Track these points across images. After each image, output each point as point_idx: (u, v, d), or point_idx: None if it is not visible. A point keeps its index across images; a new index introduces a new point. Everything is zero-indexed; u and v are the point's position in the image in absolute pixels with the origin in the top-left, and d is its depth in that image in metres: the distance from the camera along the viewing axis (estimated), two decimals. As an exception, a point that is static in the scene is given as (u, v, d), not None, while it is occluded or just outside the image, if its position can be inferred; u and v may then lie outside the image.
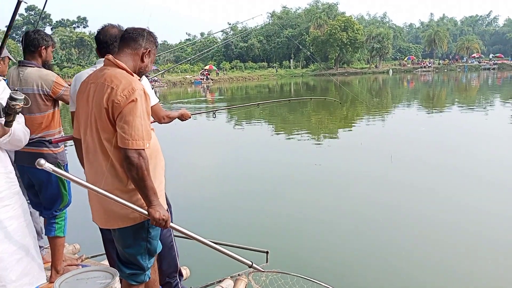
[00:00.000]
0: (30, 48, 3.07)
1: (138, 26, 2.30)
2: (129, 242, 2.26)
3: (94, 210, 2.31)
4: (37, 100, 2.98)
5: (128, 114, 2.01)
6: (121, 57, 2.21)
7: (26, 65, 3.05)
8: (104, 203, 2.17)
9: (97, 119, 2.09)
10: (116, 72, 2.12)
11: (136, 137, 2.00)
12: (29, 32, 3.14)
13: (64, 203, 3.26)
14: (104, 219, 2.24)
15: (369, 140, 12.33)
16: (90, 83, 2.18)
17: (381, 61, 73.93)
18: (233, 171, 9.34)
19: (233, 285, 3.27)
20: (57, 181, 3.16)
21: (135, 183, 2.06)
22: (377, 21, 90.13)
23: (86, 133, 2.19)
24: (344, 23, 66.00)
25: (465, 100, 25.42)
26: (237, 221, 6.14)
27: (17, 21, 72.25)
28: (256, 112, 19.23)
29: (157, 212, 2.09)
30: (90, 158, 2.20)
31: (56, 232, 3.24)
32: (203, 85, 51.51)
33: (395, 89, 38.69)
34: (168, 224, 2.16)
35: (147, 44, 2.25)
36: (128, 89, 2.04)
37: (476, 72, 62.36)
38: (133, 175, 2.02)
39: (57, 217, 3.26)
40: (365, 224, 5.93)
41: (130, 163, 2.00)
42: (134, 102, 2.03)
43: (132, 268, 2.33)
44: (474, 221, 5.90)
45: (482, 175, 8.09)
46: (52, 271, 3.22)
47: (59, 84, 3.04)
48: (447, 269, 4.64)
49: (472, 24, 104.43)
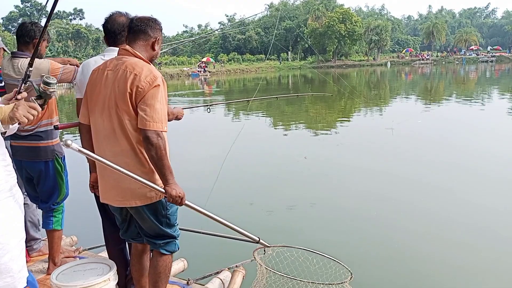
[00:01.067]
0: (25, 39, 3.01)
1: (142, 15, 2.41)
2: (148, 219, 2.37)
3: (109, 190, 2.37)
4: (33, 90, 2.94)
5: (150, 98, 2.17)
6: (134, 48, 2.34)
7: (19, 56, 3.00)
8: (123, 183, 2.27)
9: (118, 104, 2.22)
10: (136, 61, 2.27)
11: (156, 119, 2.16)
12: (26, 23, 3.06)
13: (62, 195, 3.24)
14: (121, 198, 2.33)
15: (366, 133, 12.36)
16: (107, 70, 2.31)
17: (379, 54, 73.86)
18: (230, 163, 9.34)
19: (230, 276, 3.27)
20: (54, 173, 3.15)
21: (153, 162, 2.20)
22: (375, 13, 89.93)
23: (101, 117, 2.30)
24: (342, 15, 65.85)
25: (463, 92, 25.44)
26: (234, 214, 6.14)
27: (12, 13, 71.84)
28: (253, 105, 19.19)
29: (173, 190, 2.22)
30: (106, 141, 2.30)
31: (54, 225, 3.22)
32: (200, 78, 51.32)
33: (393, 81, 38.67)
34: (183, 201, 2.28)
35: (155, 33, 2.38)
36: (150, 76, 2.20)
37: (474, 65, 62.42)
38: (152, 155, 2.16)
39: (55, 210, 3.24)
40: (365, 218, 5.95)
41: (149, 143, 2.14)
42: (157, 88, 2.19)
43: (163, 239, 2.45)
44: (467, 213, 5.93)
45: (483, 168, 8.11)
46: (50, 264, 3.22)
47: (55, 69, 2.98)
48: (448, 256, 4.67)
49: (470, 16, 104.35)
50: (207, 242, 4.39)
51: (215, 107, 11.88)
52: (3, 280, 1.86)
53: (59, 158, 3.16)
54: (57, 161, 3.15)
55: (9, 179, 1.94)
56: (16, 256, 1.91)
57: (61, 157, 3.18)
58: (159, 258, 2.47)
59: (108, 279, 2.39)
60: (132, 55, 2.30)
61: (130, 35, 2.36)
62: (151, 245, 2.52)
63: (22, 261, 1.95)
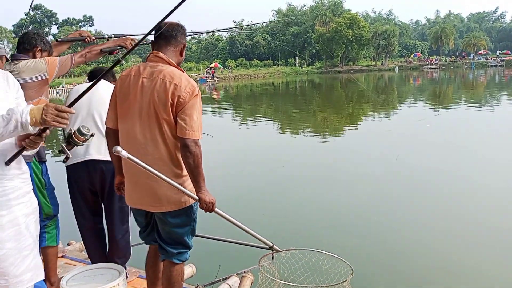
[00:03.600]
0: (25, 46, 2.90)
1: (171, 21, 2.36)
2: (180, 223, 2.45)
3: (144, 196, 2.40)
4: (30, 89, 2.74)
5: (190, 108, 2.25)
6: (166, 54, 2.38)
7: (19, 58, 2.84)
8: (159, 189, 2.33)
9: (159, 113, 2.27)
10: (173, 69, 2.32)
11: (194, 128, 2.24)
12: (29, 31, 2.98)
13: (45, 212, 2.95)
14: (158, 204, 2.37)
15: (375, 137, 12.31)
16: (142, 77, 2.33)
17: (387, 58, 73.63)
18: (238, 166, 9.35)
19: (239, 282, 3.27)
20: (35, 189, 2.87)
21: (190, 169, 2.28)
22: (382, 18, 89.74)
23: (139, 124, 2.33)
24: (349, 20, 65.83)
25: (472, 97, 25.25)
26: (242, 220, 6.12)
27: (23, 20, 72.73)
28: (262, 110, 19.22)
29: (206, 196, 2.33)
30: (144, 148, 2.33)
31: (48, 241, 2.99)
32: (208, 83, 51.57)
33: (401, 86, 38.50)
34: (214, 207, 2.39)
35: (184, 39, 2.46)
36: (189, 86, 2.27)
37: (483, 69, 61.89)
38: (190, 162, 2.24)
39: (47, 226, 3.00)
40: (373, 220, 5.92)
41: (188, 151, 2.22)
42: (196, 97, 2.28)
43: (178, 248, 2.50)
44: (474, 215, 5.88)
45: (488, 170, 8.05)
46: (47, 284, 2.88)
47: (52, 66, 2.84)
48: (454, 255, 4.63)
49: (478, 21, 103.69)
50: (215, 247, 4.40)
51: (223, 111, 11.92)
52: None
53: (37, 163, 2.89)
54: (35, 172, 2.86)
55: (23, 186, 1.98)
56: (18, 262, 1.91)
57: (39, 162, 2.90)
58: (172, 268, 2.50)
59: (117, 284, 2.40)
60: (166, 62, 2.35)
61: (162, 41, 2.38)
62: (163, 255, 2.54)
63: (23, 267, 1.94)
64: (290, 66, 70.49)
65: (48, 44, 3.00)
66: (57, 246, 3.09)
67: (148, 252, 2.77)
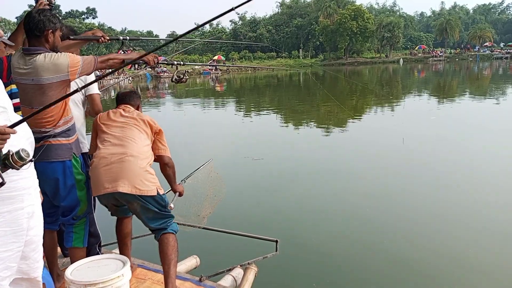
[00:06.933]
0: (35, 33, 2.57)
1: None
2: (153, 207, 2.78)
3: (119, 180, 2.67)
4: (52, 90, 2.54)
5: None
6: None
7: (33, 52, 2.54)
8: (140, 176, 2.70)
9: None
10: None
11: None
12: (32, 12, 2.60)
13: (81, 210, 2.85)
14: (137, 188, 2.68)
15: (378, 130, 12.27)
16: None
17: (391, 51, 73.17)
18: (241, 162, 9.34)
19: (243, 273, 3.28)
20: (75, 186, 2.77)
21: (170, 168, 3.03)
22: (387, 10, 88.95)
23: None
24: (354, 12, 65.36)
25: (476, 90, 25.08)
26: (245, 212, 6.13)
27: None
28: (265, 102, 19.17)
29: (180, 187, 3.18)
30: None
31: (74, 242, 2.86)
32: (211, 76, 51.42)
33: (405, 78, 38.28)
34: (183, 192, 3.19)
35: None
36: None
37: (488, 61, 61.42)
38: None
39: (75, 226, 2.87)
40: (374, 216, 5.91)
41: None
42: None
43: (164, 217, 2.84)
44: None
45: (489, 166, 8.02)
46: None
47: (74, 63, 2.58)
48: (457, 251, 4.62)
49: (484, 13, 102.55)
50: (219, 239, 4.41)
51: (226, 104, 11.88)
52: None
53: (77, 157, 2.77)
54: (75, 166, 2.74)
55: (35, 175, 2.06)
56: (40, 248, 2.07)
57: (78, 156, 2.79)
58: (170, 237, 2.81)
59: (122, 274, 2.41)
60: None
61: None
62: (158, 233, 2.83)
63: (41, 253, 2.10)
64: (294, 59, 70.08)
65: (57, 18, 2.65)
66: (84, 247, 2.92)
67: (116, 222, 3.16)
